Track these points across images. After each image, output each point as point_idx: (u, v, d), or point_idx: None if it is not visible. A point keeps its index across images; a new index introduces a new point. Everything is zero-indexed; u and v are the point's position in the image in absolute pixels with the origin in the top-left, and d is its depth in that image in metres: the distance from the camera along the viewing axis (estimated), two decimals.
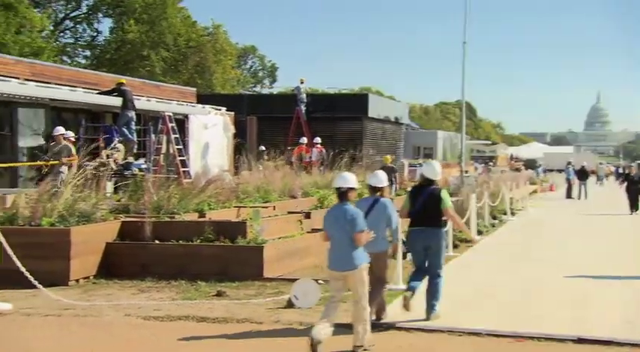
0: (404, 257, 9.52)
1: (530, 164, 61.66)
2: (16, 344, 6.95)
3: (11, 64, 17.15)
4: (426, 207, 7.78)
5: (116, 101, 17.48)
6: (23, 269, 8.52)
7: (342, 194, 6.74)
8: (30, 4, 40.16)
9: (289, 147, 25.07)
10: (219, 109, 24.16)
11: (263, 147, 25.43)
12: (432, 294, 7.79)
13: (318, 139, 25.68)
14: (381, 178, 7.63)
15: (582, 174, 32.01)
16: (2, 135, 15.31)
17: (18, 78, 16.06)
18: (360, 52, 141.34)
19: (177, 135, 19.69)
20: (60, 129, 14.79)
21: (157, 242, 10.56)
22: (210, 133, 22.90)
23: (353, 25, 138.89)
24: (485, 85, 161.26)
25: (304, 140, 25.61)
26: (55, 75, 18.26)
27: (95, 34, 49.06)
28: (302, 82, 29.38)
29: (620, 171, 50.58)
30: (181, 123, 21.03)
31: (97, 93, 17.90)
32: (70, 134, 15.68)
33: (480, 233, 15.75)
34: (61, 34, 48.65)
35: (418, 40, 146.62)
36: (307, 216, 13.61)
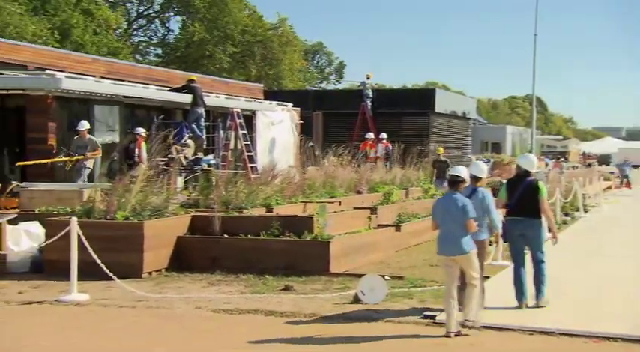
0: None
1: (604, 159, 59.67)
2: (94, 334, 7.24)
3: (88, 63, 17.81)
4: (523, 198, 8.07)
5: (186, 98, 17.90)
6: (99, 261, 8.85)
7: (455, 184, 7.26)
8: (105, 3, 41.62)
9: (355, 143, 25.07)
10: (286, 105, 24.40)
11: (311, 144, 25.52)
12: (539, 279, 8.11)
13: (384, 135, 25.58)
14: (482, 168, 7.88)
15: None
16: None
17: (94, 76, 16.65)
18: (428, 47, 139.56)
19: (245, 131, 20.00)
20: (85, 124, 14.78)
21: (225, 236, 10.77)
22: (277, 129, 23.16)
23: (420, 21, 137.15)
24: (558, 78, 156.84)
25: (370, 135, 25.57)
26: (130, 73, 18.85)
27: (166, 32, 50.40)
28: (368, 78, 29.31)
29: None
30: (249, 119, 21.34)
31: (169, 91, 18.37)
32: (142, 130, 16.16)
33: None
34: (134, 32, 50.17)
35: (487, 34, 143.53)
36: (373, 211, 13.62)
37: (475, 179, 7.82)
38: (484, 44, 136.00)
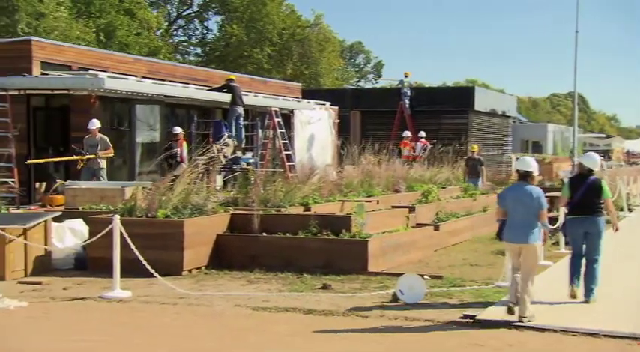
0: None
1: None
2: (137, 330, 7.37)
3: (130, 63, 18.10)
4: (586, 196, 8.24)
5: (226, 97, 18.08)
6: (142, 258, 9.00)
7: (524, 176, 7.62)
8: (146, 3, 42.25)
9: (393, 141, 25.00)
10: (324, 104, 24.44)
11: (344, 142, 25.45)
12: (590, 278, 8.18)
13: (422, 133, 25.46)
14: (529, 162, 7.93)
15: None
16: (122, 131, 16.16)
17: (136, 76, 16.91)
18: (467, 46, 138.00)
19: (283, 130, 20.12)
20: (96, 123, 14.45)
21: (264, 234, 10.85)
22: (315, 128, 23.23)
23: (460, 19, 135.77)
24: (600, 76, 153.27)
25: (407, 134, 25.46)
26: (170, 72, 19.10)
27: (205, 31, 50.95)
28: (406, 76, 29.17)
29: None
30: (287, 117, 21.46)
31: (208, 90, 18.57)
32: (179, 130, 16.39)
33: None
34: (175, 32, 50.84)
35: (528, 32, 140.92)
36: (411, 210, 13.56)
37: (522, 174, 7.93)
38: (525, 42, 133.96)
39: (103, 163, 14.44)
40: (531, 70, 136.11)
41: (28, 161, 14.68)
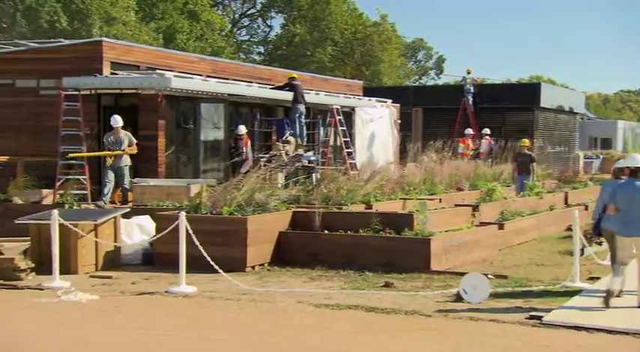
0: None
1: None
2: (201, 325, 7.52)
3: (195, 62, 18.44)
4: None
5: (287, 95, 18.22)
6: (206, 255, 9.18)
7: (635, 172, 7.97)
8: (210, 3, 42.87)
9: (455, 139, 24.69)
10: (385, 102, 24.32)
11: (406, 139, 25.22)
12: None
13: (487, 130, 25.04)
14: (639, 159, 8.05)
15: None
16: (187, 129, 16.50)
17: (201, 75, 17.23)
18: (532, 41, 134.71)
19: (345, 128, 20.12)
20: (118, 120, 14.02)
21: (326, 232, 10.90)
22: (376, 125, 23.13)
23: (523, 14, 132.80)
24: None
25: (470, 131, 25.09)
26: (233, 71, 19.36)
27: (268, 29, 51.47)
28: (469, 72, 28.76)
29: None
30: (348, 115, 21.45)
31: (271, 88, 18.75)
32: (244, 130, 16.64)
33: None
34: (238, 31, 51.55)
35: (596, 26, 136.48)
36: (475, 208, 13.37)
37: (634, 171, 8.11)
38: (593, 37, 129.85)
39: (129, 160, 14.09)
40: (601, 66, 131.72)
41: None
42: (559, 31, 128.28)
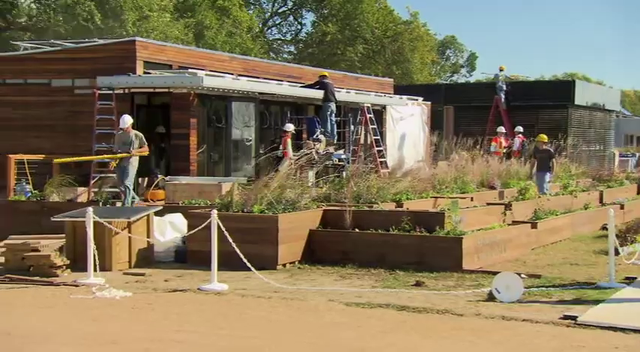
0: None
1: None
2: (234, 323, 7.57)
3: (227, 61, 18.56)
4: None
5: (318, 93, 18.24)
6: (239, 252, 9.23)
7: None
8: (241, 3, 43.01)
9: (487, 137, 24.46)
10: (416, 99, 24.20)
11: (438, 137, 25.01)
12: None
13: (520, 128, 24.76)
14: None
15: None
16: (219, 127, 16.63)
17: (232, 73, 17.33)
18: (565, 38, 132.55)
19: (375, 126, 20.09)
20: (127, 120, 13.51)
21: (356, 230, 10.88)
22: (407, 123, 23.05)
23: (556, 11, 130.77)
24: None
25: (502, 129, 24.83)
26: (264, 70, 19.44)
27: (299, 27, 51.55)
28: (501, 70, 28.46)
29: None
30: (379, 113, 21.39)
31: (301, 87, 18.79)
32: (291, 128, 16.75)
33: None
34: (268, 30, 51.72)
35: (631, 22, 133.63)
36: (507, 207, 13.24)
37: None
38: (628, 35, 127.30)
39: (136, 161, 13.47)
40: (637, 63, 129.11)
41: (55, 160, 14.16)
42: (593, 29, 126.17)
